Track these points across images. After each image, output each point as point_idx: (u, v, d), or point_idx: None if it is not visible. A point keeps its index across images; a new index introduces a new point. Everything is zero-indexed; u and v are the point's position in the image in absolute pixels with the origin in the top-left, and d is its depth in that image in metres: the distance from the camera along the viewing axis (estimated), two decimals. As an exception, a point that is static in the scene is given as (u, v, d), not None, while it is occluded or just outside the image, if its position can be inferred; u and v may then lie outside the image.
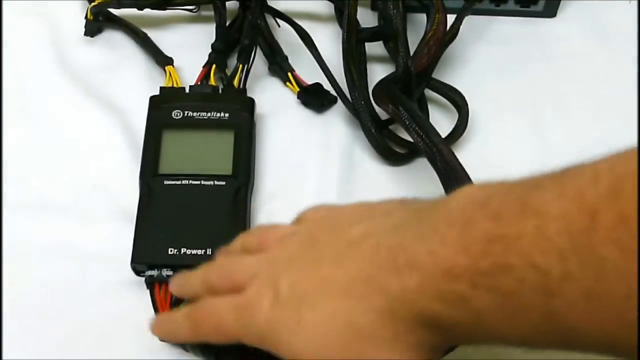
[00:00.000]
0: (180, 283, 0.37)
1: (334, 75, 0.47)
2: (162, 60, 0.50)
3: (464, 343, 0.30)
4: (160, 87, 0.48)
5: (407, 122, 0.42)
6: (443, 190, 0.40)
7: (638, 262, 0.21)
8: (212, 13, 0.51)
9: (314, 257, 0.31)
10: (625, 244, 0.21)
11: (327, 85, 0.48)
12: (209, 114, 0.45)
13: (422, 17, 0.49)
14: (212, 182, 0.42)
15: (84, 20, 0.51)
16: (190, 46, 0.51)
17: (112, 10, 0.51)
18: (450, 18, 0.47)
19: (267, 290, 0.31)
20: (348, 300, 0.29)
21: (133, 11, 0.51)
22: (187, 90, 0.47)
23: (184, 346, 0.38)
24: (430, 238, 0.27)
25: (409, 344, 0.28)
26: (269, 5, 0.50)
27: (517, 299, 0.24)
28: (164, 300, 0.40)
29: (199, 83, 0.48)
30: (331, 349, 0.29)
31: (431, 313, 0.27)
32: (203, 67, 0.48)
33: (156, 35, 0.51)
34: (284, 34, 0.51)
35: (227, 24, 0.50)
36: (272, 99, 0.49)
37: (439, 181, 0.40)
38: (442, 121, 0.47)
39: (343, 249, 0.30)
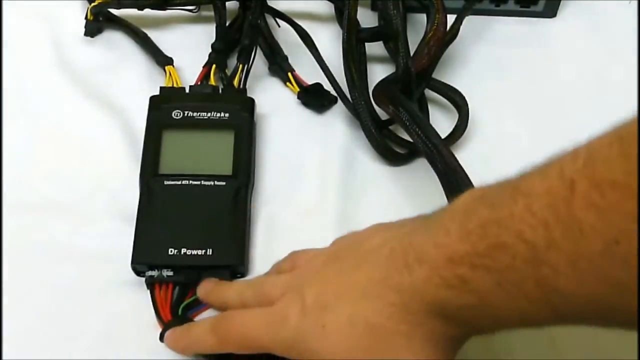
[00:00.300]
0: (211, 290, 0.39)
1: (334, 75, 0.47)
2: (162, 60, 0.50)
3: (475, 331, 0.31)
4: (160, 87, 0.47)
5: (407, 123, 0.42)
6: (443, 191, 0.40)
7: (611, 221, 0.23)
8: (212, 13, 0.51)
9: (336, 268, 0.34)
10: (599, 205, 0.23)
11: (327, 85, 0.48)
12: (209, 114, 0.45)
13: (422, 17, 0.49)
14: (212, 182, 0.42)
15: (84, 21, 0.51)
16: (190, 46, 0.51)
17: (112, 10, 0.51)
18: (450, 18, 0.47)
19: (295, 302, 0.33)
20: (366, 301, 0.31)
21: (133, 11, 0.51)
22: (187, 90, 0.47)
23: None
24: (436, 233, 0.29)
25: (423, 336, 0.30)
26: (269, 5, 0.50)
27: (512, 274, 0.26)
28: (164, 300, 0.40)
29: (199, 83, 0.48)
30: (354, 350, 0.31)
31: (439, 301, 0.29)
32: (203, 67, 0.48)
33: (156, 35, 0.51)
34: (284, 34, 0.51)
35: (227, 24, 0.50)
36: (272, 99, 0.49)
37: (438, 181, 0.40)
38: (442, 121, 0.47)
39: (362, 257, 0.33)
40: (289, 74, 0.49)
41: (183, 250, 0.40)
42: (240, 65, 0.48)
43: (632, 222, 0.22)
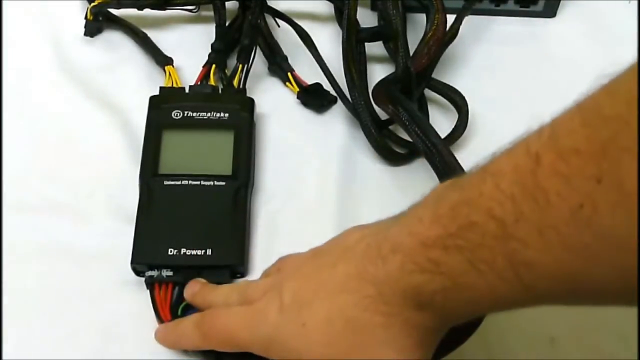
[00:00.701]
0: (197, 292, 0.39)
1: (334, 75, 0.47)
2: (162, 60, 0.50)
3: (451, 319, 0.31)
4: (160, 87, 0.48)
5: (406, 123, 0.42)
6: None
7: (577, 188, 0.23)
8: (212, 13, 0.51)
9: (314, 266, 0.34)
10: (563, 172, 0.23)
11: (327, 85, 0.48)
12: (208, 114, 0.45)
13: (422, 17, 0.49)
14: (212, 183, 0.42)
15: (84, 20, 0.51)
16: (190, 46, 0.51)
17: (112, 10, 0.51)
18: (450, 18, 0.47)
19: (274, 300, 0.33)
20: (343, 296, 0.31)
21: (133, 11, 0.51)
22: (186, 90, 0.47)
23: None
24: (410, 223, 0.29)
25: (400, 326, 0.30)
26: (269, 5, 0.50)
27: (482, 252, 0.26)
28: (163, 300, 0.40)
29: (198, 83, 0.48)
30: (333, 346, 0.31)
31: (413, 287, 0.29)
32: (203, 67, 0.48)
33: (156, 35, 0.51)
34: (284, 34, 0.51)
35: (227, 24, 0.50)
36: (272, 99, 0.49)
37: (438, 181, 0.40)
38: (442, 121, 0.47)
39: (339, 254, 0.33)
40: (289, 73, 0.49)
41: (183, 250, 0.40)
42: (240, 65, 0.48)
43: (595, 185, 0.22)
